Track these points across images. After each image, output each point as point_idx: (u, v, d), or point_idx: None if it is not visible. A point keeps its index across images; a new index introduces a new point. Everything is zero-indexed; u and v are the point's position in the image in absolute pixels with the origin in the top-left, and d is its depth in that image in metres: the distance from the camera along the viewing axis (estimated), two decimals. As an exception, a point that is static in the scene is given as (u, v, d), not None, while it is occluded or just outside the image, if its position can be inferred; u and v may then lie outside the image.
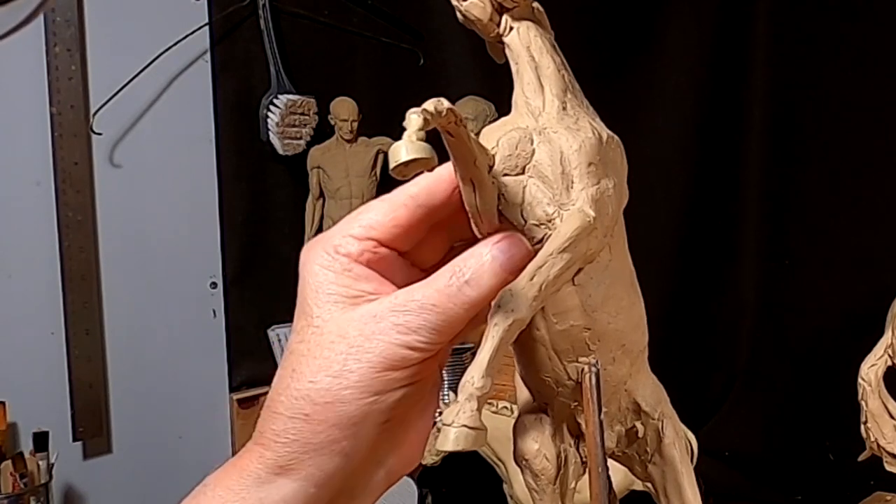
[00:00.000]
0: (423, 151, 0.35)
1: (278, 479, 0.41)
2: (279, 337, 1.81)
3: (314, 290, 0.42)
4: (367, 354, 0.40)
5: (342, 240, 0.43)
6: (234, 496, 0.41)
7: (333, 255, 0.42)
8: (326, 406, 0.40)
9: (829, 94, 1.60)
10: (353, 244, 0.42)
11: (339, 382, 0.40)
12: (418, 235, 0.44)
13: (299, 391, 0.41)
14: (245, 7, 1.71)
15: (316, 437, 0.40)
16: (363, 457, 0.42)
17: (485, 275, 0.41)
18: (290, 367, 0.42)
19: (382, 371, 0.40)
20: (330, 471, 0.41)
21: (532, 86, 0.44)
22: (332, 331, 0.41)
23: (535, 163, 0.42)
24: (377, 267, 0.43)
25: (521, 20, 0.44)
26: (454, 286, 0.40)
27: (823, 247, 1.62)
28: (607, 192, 0.42)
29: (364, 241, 0.43)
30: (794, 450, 1.58)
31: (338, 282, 0.42)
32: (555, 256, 0.40)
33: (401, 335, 0.40)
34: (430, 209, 0.43)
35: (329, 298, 0.42)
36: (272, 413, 0.41)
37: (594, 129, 0.43)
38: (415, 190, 0.43)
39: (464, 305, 0.40)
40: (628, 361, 0.46)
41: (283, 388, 0.41)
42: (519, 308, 0.39)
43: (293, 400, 0.41)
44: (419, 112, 0.36)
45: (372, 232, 0.43)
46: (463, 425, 0.37)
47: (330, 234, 0.43)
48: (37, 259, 1.56)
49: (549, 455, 0.47)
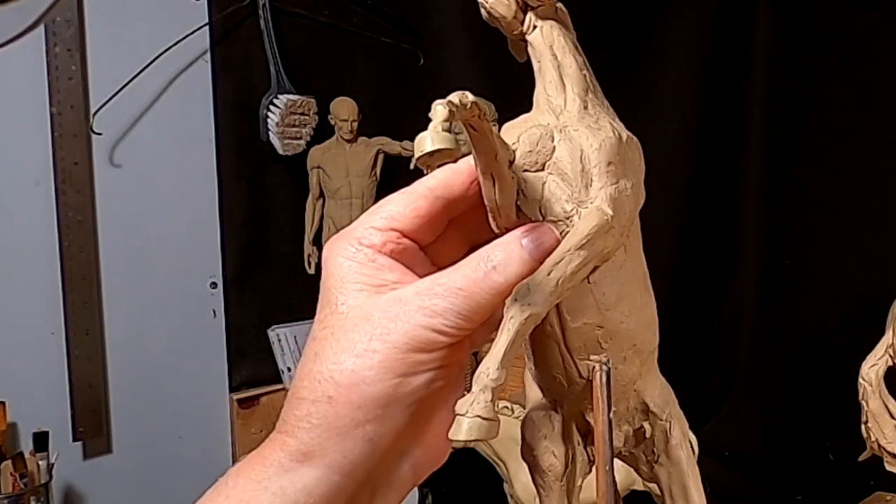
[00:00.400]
0: (448, 142, 0.35)
1: (301, 467, 0.40)
2: (279, 337, 1.81)
3: (339, 280, 0.42)
4: (392, 336, 0.40)
5: (365, 231, 0.43)
6: (255, 486, 0.40)
7: (357, 246, 0.43)
8: (350, 387, 0.40)
9: (829, 94, 1.60)
10: (376, 235, 0.43)
11: (362, 363, 0.40)
12: (438, 229, 0.44)
13: (322, 374, 0.40)
14: (245, 7, 1.71)
15: (340, 421, 0.40)
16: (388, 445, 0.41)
17: (513, 262, 0.41)
18: (312, 352, 0.41)
19: (407, 352, 0.40)
20: (354, 457, 0.40)
21: (554, 84, 0.44)
22: (356, 315, 0.41)
23: (556, 160, 0.42)
24: (400, 258, 0.43)
25: (545, 19, 0.45)
26: (481, 271, 0.40)
27: (823, 247, 1.62)
28: (625, 191, 0.42)
29: (387, 231, 0.43)
30: (794, 450, 1.58)
31: (362, 271, 0.42)
32: (572, 253, 0.40)
33: (426, 317, 0.40)
34: (449, 201, 0.43)
35: (354, 287, 0.42)
36: (295, 399, 0.41)
37: (614, 128, 0.43)
38: (433, 182, 0.43)
39: (490, 291, 0.40)
40: (639, 361, 0.47)
41: (305, 372, 0.41)
42: (536, 302, 0.39)
43: (316, 383, 0.40)
44: (445, 103, 0.36)
45: (394, 223, 0.43)
46: (477, 416, 0.37)
47: (352, 227, 0.44)
48: (37, 259, 1.55)
49: (557, 452, 0.47)
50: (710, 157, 1.74)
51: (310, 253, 1.76)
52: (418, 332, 0.40)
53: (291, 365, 1.80)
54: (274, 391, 1.80)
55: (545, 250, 0.41)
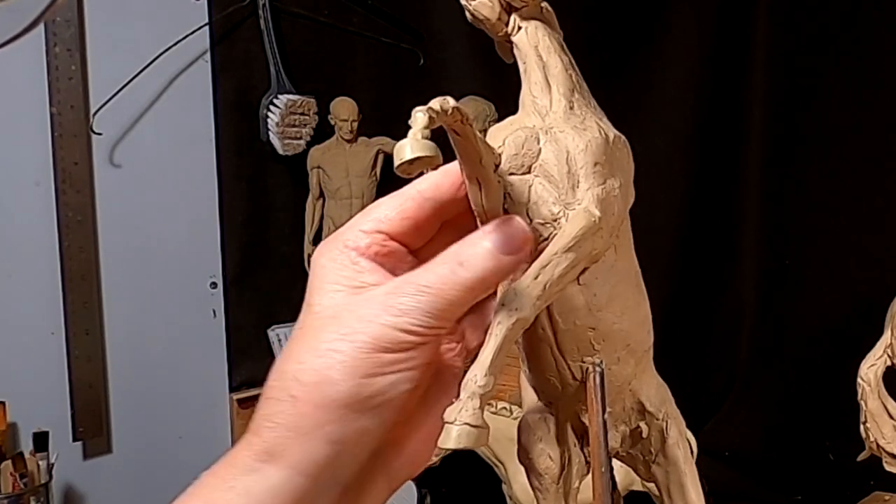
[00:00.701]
0: (428, 150, 0.35)
1: (266, 468, 0.40)
2: (279, 337, 1.81)
3: (319, 281, 0.42)
4: (357, 335, 0.39)
5: (351, 234, 0.43)
6: (222, 484, 0.40)
7: (342, 249, 0.43)
8: (313, 386, 0.39)
9: (829, 94, 1.60)
10: (362, 238, 0.43)
11: (325, 362, 0.39)
12: (429, 232, 0.44)
13: (287, 372, 0.40)
14: (245, 7, 1.71)
15: (302, 420, 0.39)
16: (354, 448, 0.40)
17: (480, 256, 0.40)
18: (286, 351, 0.42)
19: (371, 352, 0.39)
20: (318, 459, 0.40)
21: (539, 85, 0.44)
22: (327, 314, 0.41)
23: (542, 162, 0.42)
24: (385, 261, 0.43)
25: (530, 20, 0.45)
26: (449, 268, 0.40)
27: (823, 247, 1.62)
28: (613, 191, 0.42)
29: (372, 234, 0.43)
30: (794, 450, 1.58)
31: (341, 273, 0.42)
32: (559, 256, 0.40)
33: (392, 316, 0.39)
34: (438, 203, 0.43)
35: (331, 288, 0.42)
36: (264, 398, 0.41)
37: (601, 128, 0.43)
38: (423, 184, 0.43)
39: (458, 287, 0.40)
40: (633, 361, 0.46)
41: (275, 372, 0.41)
42: (522, 307, 0.39)
43: (281, 381, 0.40)
44: (424, 110, 0.36)
45: (381, 225, 0.43)
46: (465, 423, 0.37)
47: (341, 231, 0.44)
48: (37, 259, 1.55)
49: (553, 454, 0.47)
50: (710, 157, 1.73)
51: (310, 253, 1.76)
52: (383, 331, 0.39)
53: (291, 365, 1.80)
54: (274, 391, 1.80)
55: (513, 243, 0.40)
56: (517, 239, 0.41)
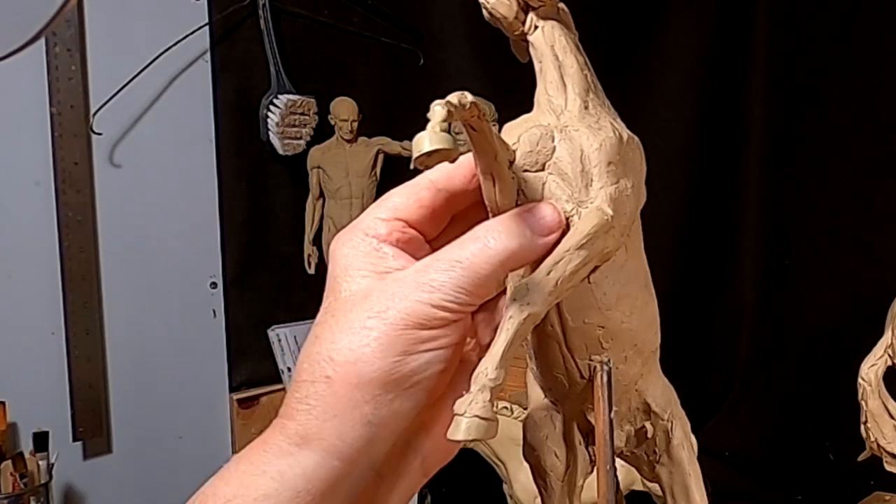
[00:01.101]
0: (446, 142, 0.35)
1: (300, 451, 0.39)
2: (279, 337, 1.81)
3: (343, 269, 0.42)
4: (391, 312, 0.39)
5: (370, 222, 0.43)
6: (255, 469, 0.40)
7: (362, 237, 0.43)
8: (347, 366, 0.39)
9: (829, 94, 1.60)
10: (381, 225, 0.43)
11: (359, 341, 0.39)
12: (442, 222, 0.44)
13: (320, 354, 0.40)
14: (245, 7, 1.71)
15: (338, 402, 0.39)
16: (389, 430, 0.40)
17: (513, 233, 0.40)
18: (313, 336, 0.41)
19: (405, 329, 0.39)
20: (353, 441, 0.39)
21: (555, 84, 0.44)
22: (356, 297, 0.41)
23: (556, 160, 0.42)
24: (406, 247, 0.43)
25: (547, 19, 0.45)
26: (479, 244, 0.40)
27: (823, 247, 1.62)
28: (626, 191, 0.43)
29: (391, 221, 0.43)
30: (794, 450, 1.58)
31: (367, 259, 0.42)
32: (572, 253, 0.40)
33: (425, 292, 0.39)
34: (451, 194, 0.43)
35: (358, 273, 0.41)
36: (296, 382, 0.40)
37: (615, 128, 0.43)
38: (435, 175, 0.43)
39: (490, 261, 0.40)
40: (640, 361, 0.47)
41: (305, 355, 0.41)
42: (534, 302, 0.39)
43: (315, 364, 0.40)
44: (443, 104, 0.36)
45: (398, 212, 0.43)
46: (475, 415, 0.37)
47: (358, 220, 0.44)
48: (37, 259, 1.55)
49: (558, 452, 0.48)
50: (710, 157, 1.74)
51: (310, 253, 1.76)
52: (417, 307, 0.39)
53: (291, 365, 1.80)
54: (274, 391, 1.80)
55: (544, 223, 0.41)
56: (549, 221, 0.41)
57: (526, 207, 0.41)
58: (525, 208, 0.41)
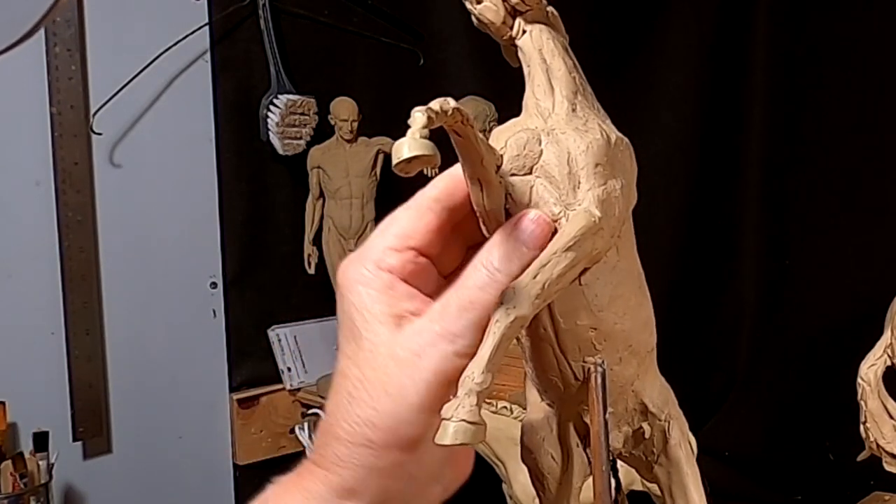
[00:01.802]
0: (426, 149, 0.35)
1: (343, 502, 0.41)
2: (279, 337, 1.81)
3: (360, 312, 0.42)
4: (421, 372, 0.40)
5: (382, 253, 0.43)
6: None
7: (375, 271, 0.42)
8: (388, 431, 0.40)
9: (829, 93, 1.60)
10: (393, 256, 0.42)
11: (397, 406, 0.40)
12: (446, 238, 0.44)
13: (360, 417, 0.41)
14: (245, 7, 1.71)
15: (381, 462, 0.41)
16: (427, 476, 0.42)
17: (512, 257, 0.41)
18: (345, 392, 0.42)
19: (439, 386, 0.40)
20: (395, 492, 0.42)
21: (542, 87, 0.44)
22: (382, 353, 0.41)
23: (543, 163, 0.42)
24: (416, 280, 0.43)
25: (535, 23, 0.45)
26: (484, 277, 0.40)
27: (823, 247, 1.62)
28: (614, 192, 0.42)
29: (403, 251, 0.43)
30: (794, 450, 1.58)
31: (381, 300, 0.42)
32: (559, 255, 0.40)
33: (447, 344, 0.40)
34: (453, 210, 0.43)
35: (374, 318, 0.42)
36: (334, 438, 0.41)
37: (603, 130, 0.43)
38: (435, 193, 0.43)
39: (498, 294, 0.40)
40: (635, 362, 0.47)
41: (342, 413, 0.41)
42: (521, 305, 0.39)
43: (355, 426, 0.41)
44: (424, 110, 0.36)
45: (409, 241, 0.43)
46: (462, 420, 0.37)
47: (367, 249, 0.43)
48: (37, 259, 1.56)
49: (555, 454, 0.48)
50: (710, 157, 1.73)
51: (310, 253, 1.76)
52: (444, 363, 0.40)
53: (291, 365, 1.80)
54: (274, 391, 1.80)
55: (538, 235, 0.41)
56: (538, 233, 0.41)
57: (512, 223, 0.41)
58: (511, 225, 0.41)
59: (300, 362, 1.81)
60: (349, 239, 1.71)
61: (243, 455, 1.78)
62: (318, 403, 1.74)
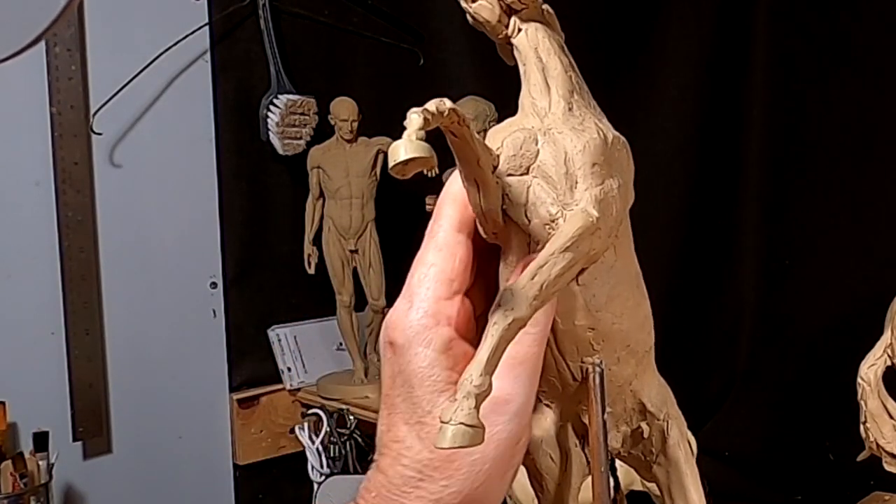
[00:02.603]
0: (422, 150, 0.35)
1: None
2: (279, 337, 1.81)
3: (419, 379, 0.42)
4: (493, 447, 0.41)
5: (437, 305, 0.42)
6: None
7: (434, 328, 0.42)
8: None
9: (829, 94, 1.60)
10: (449, 307, 0.42)
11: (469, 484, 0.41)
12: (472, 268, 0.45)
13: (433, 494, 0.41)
14: (245, 7, 1.71)
15: None
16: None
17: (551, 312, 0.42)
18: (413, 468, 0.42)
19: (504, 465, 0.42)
20: None
21: (538, 87, 0.44)
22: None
23: (540, 163, 0.42)
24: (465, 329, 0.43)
25: (530, 22, 0.45)
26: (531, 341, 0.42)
27: (823, 247, 1.62)
28: (612, 192, 0.42)
29: (454, 298, 0.43)
30: (794, 450, 1.58)
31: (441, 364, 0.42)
32: (556, 256, 0.40)
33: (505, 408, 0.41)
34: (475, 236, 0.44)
35: (436, 389, 0.42)
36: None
37: (599, 129, 0.43)
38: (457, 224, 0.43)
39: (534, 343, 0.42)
40: (633, 362, 0.46)
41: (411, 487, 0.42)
42: (519, 307, 0.39)
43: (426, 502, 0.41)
44: (419, 112, 0.36)
45: (454, 285, 0.43)
46: (460, 423, 0.37)
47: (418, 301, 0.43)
48: (37, 259, 1.55)
49: (554, 455, 0.48)
50: (710, 157, 1.73)
51: (310, 253, 1.76)
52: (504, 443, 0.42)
53: (291, 365, 1.80)
54: (274, 391, 1.80)
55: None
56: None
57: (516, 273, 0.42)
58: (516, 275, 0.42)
59: (300, 362, 1.81)
60: (349, 239, 1.71)
61: (243, 455, 1.78)
62: (317, 403, 1.74)
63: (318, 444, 1.71)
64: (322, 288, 1.74)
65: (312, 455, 1.71)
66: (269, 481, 1.81)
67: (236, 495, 1.80)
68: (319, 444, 1.71)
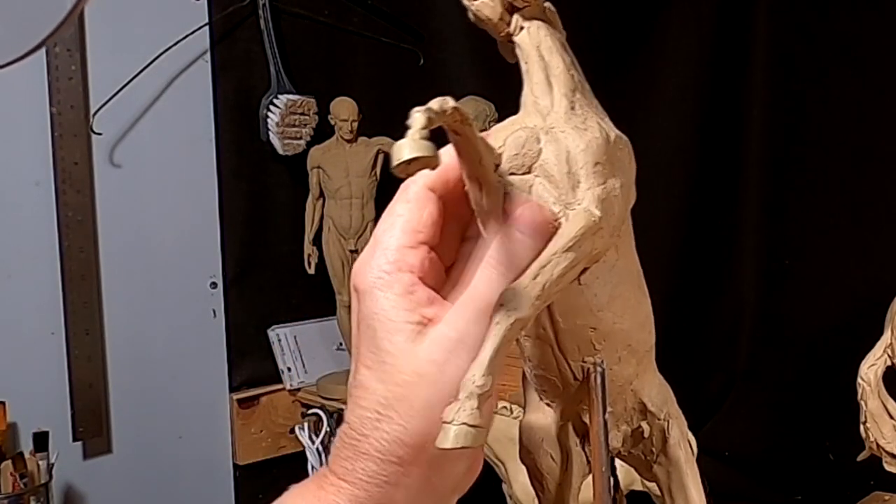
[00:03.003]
0: (426, 150, 0.35)
1: None
2: (279, 337, 1.81)
3: (379, 321, 0.41)
4: (446, 386, 0.40)
5: (398, 253, 0.42)
6: None
7: (394, 273, 0.42)
8: (418, 447, 0.40)
9: (829, 93, 1.60)
10: (411, 255, 0.42)
11: (427, 422, 0.40)
12: (442, 228, 0.44)
13: (389, 434, 0.41)
14: (245, 7, 1.71)
15: (409, 478, 0.41)
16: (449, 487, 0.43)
17: (520, 254, 0.41)
18: (370, 408, 0.41)
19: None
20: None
21: (541, 85, 0.44)
22: (407, 370, 0.41)
23: (542, 162, 0.42)
24: (431, 278, 0.42)
25: (532, 20, 0.44)
26: (498, 278, 0.40)
27: (823, 247, 1.62)
28: (614, 191, 0.42)
29: (418, 248, 0.42)
30: (794, 450, 1.58)
31: (401, 306, 0.41)
32: (559, 255, 0.40)
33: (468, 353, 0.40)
34: (449, 196, 0.43)
35: (395, 329, 0.41)
36: (361, 454, 0.41)
37: (602, 128, 0.43)
38: (429, 181, 0.43)
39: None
40: (634, 361, 0.46)
41: (369, 429, 0.41)
42: (521, 307, 0.39)
43: (384, 443, 0.41)
44: (423, 111, 0.36)
45: (419, 236, 0.42)
46: (463, 423, 0.37)
47: (379, 248, 0.42)
48: (37, 259, 1.55)
49: (554, 455, 0.48)
50: (710, 157, 1.73)
51: (310, 253, 1.76)
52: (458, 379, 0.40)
53: (291, 365, 1.80)
54: (274, 391, 1.80)
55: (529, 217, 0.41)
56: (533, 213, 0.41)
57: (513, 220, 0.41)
58: (512, 221, 0.41)
59: (300, 362, 1.81)
60: (349, 239, 1.71)
61: (243, 455, 1.78)
62: (317, 403, 1.74)
63: (318, 444, 1.71)
64: (322, 288, 1.74)
65: (312, 455, 1.71)
66: (269, 481, 1.81)
67: (236, 495, 1.80)
68: (319, 444, 1.71)
